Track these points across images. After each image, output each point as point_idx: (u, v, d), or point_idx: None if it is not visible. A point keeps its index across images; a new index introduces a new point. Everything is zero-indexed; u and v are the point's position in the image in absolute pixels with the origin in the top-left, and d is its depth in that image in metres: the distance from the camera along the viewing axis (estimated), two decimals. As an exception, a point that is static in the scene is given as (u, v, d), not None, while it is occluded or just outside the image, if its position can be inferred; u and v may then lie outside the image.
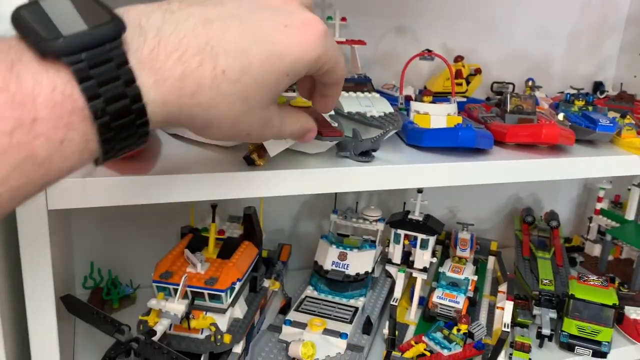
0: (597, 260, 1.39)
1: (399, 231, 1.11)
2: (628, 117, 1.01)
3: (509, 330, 1.04)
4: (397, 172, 0.80)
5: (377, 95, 0.97)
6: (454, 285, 1.10)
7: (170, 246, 0.94)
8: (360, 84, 1.01)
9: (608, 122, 0.93)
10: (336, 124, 0.78)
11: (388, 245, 1.17)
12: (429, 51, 1.10)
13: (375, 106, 0.91)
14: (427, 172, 0.82)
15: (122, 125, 0.34)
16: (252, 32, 0.39)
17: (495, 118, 0.99)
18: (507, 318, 1.07)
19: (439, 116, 0.97)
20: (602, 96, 1.30)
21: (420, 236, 1.09)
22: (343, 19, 1.06)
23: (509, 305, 1.08)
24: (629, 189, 1.33)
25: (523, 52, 1.38)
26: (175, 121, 0.38)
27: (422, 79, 1.31)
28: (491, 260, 1.35)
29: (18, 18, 0.32)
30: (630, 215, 1.34)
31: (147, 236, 1.18)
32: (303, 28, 0.41)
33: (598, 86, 1.42)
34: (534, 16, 1.36)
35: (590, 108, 1.04)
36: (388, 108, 0.91)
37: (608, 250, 1.35)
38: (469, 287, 1.10)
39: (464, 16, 1.30)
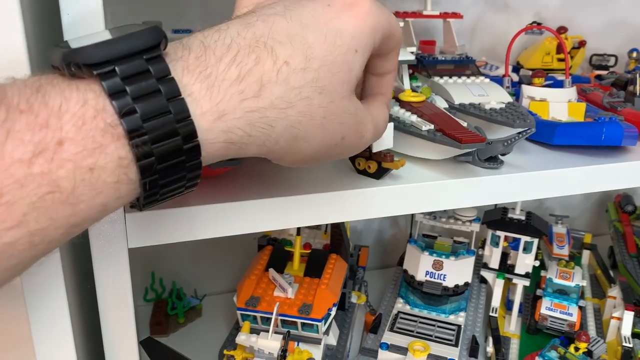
0: None
1: (499, 233, 0.97)
2: None
3: (631, 345, 0.91)
4: (534, 180, 0.66)
5: (487, 80, 0.82)
6: (562, 293, 0.96)
7: (237, 250, 0.82)
8: (462, 65, 0.86)
9: None
10: (465, 124, 0.64)
11: (481, 247, 1.04)
12: (538, 24, 0.94)
13: (491, 94, 0.76)
14: (570, 179, 0.67)
15: (166, 154, 0.29)
16: (299, 20, 0.36)
17: (624, 104, 0.83)
18: (627, 330, 0.93)
19: (559, 103, 0.81)
20: None
21: (524, 238, 0.96)
22: (435, -12, 0.91)
23: (628, 316, 0.94)
24: None
25: (623, 19, 1.21)
26: (240, 142, 0.33)
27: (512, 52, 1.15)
28: (585, 254, 1.20)
29: (50, 52, 0.30)
30: None
31: (211, 241, 1.05)
32: (347, 2, 0.38)
33: None
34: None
35: None
36: (506, 97, 0.76)
37: None
38: (579, 295, 0.97)
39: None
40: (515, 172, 0.66)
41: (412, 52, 0.74)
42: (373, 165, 0.59)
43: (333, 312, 0.75)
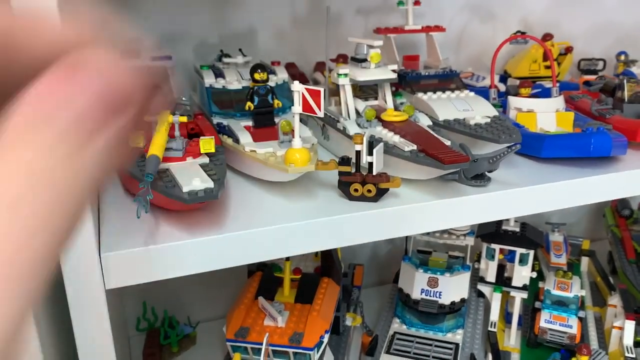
0: None
1: (493, 246, 0.95)
2: None
3: (633, 355, 0.89)
4: (522, 196, 0.64)
5: (472, 93, 0.80)
6: (561, 304, 0.95)
7: (229, 275, 0.80)
8: (446, 79, 0.85)
9: None
10: (449, 143, 0.63)
11: (477, 261, 1.02)
12: (522, 33, 0.93)
13: (476, 109, 0.75)
14: (560, 193, 0.66)
15: None
16: None
17: (613, 111, 0.82)
18: (629, 340, 0.91)
19: (546, 114, 0.80)
20: None
21: (520, 250, 0.94)
22: (416, 2, 0.89)
23: (629, 326, 0.92)
24: None
25: (610, 20, 1.20)
26: None
27: (499, 61, 1.14)
28: (584, 261, 1.18)
29: None
30: None
31: (202, 266, 1.04)
32: None
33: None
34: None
35: None
36: (491, 110, 0.75)
37: None
38: (579, 306, 0.95)
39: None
40: (503, 188, 0.64)
41: (394, 70, 0.73)
42: (372, 189, 0.58)
43: (326, 339, 0.73)
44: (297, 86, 0.55)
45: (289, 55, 0.99)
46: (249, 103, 0.67)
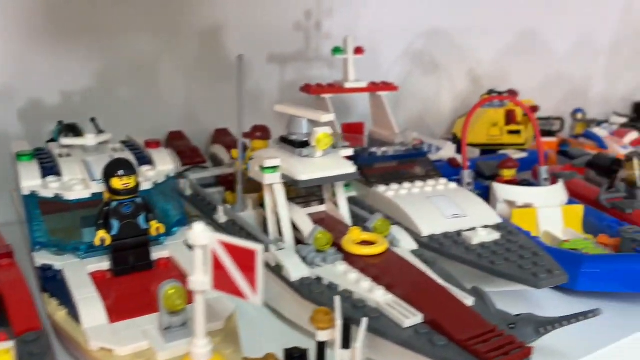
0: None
1: None
2: None
3: None
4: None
5: (453, 185, 0.55)
6: None
7: None
8: (409, 160, 0.59)
9: None
10: (471, 302, 0.36)
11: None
12: (499, 93, 0.71)
13: (469, 213, 0.50)
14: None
15: None
16: None
17: (632, 203, 0.59)
18: None
19: (550, 209, 0.57)
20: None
21: None
22: (358, 50, 0.63)
23: None
24: None
25: (561, 72, 1.04)
26: None
27: (443, 121, 0.91)
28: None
29: None
30: None
31: None
32: None
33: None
34: (572, 26, 1.02)
35: None
36: (492, 216, 0.50)
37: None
38: None
39: (493, 31, 0.92)
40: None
41: (350, 157, 0.46)
42: None
43: None
44: (200, 237, 0.25)
45: (172, 120, 0.68)
46: (101, 232, 0.36)
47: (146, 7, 0.63)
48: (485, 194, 0.59)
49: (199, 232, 0.25)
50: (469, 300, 0.36)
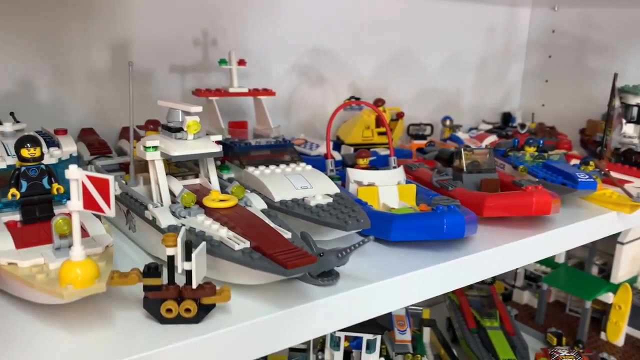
0: (531, 310, 1.26)
1: (338, 333, 0.84)
2: (591, 163, 0.85)
3: None
4: (377, 293, 0.54)
5: (309, 167, 0.70)
6: (413, 392, 0.86)
7: None
8: (279, 150, 0.73)
9: (587, 176, 0.77)
10: (289, 235, 0.50)
11: (321, 350, 0.90)
12: (357, 99, 0.86)
13: (315, 186, 0.64)
14: (413, 286, 0.57)
15: None
16: None
17: (454, 182, 0.77)
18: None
19: (388, 187, 0.72)
20: (524, 131, 1.16)
21: (366, 336, 0.84)
22: (241, 62, 0.78)
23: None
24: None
25: (435, 86, 1.21)
26: None
27: (322, 125, 1.06)
28: (426, 332, 1.14)
29: None
30: (560, 257, 1.23)
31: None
32: None
33: (507, 118, 1.29)
34: (444, 46, 1.20)
35: (546, 155, 0.87)
36: (332, 187, 0.65)
37: (544, 300, 1.22)
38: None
39: (372, 51, 1.09)
40: (354, 285, 0.53)
41: (218, 142, 0.60)
42: (192, 307, 0.42)
43: None
44: (74, 172, 0.38)
45: (87, 119, 0.80)
46: (12, 189, 0.48)
47: (70, 21, 0.76)
48: (344, 178, 0.75)
49: (74, 170, 0.38)
50: (287, 235, 0.50)
